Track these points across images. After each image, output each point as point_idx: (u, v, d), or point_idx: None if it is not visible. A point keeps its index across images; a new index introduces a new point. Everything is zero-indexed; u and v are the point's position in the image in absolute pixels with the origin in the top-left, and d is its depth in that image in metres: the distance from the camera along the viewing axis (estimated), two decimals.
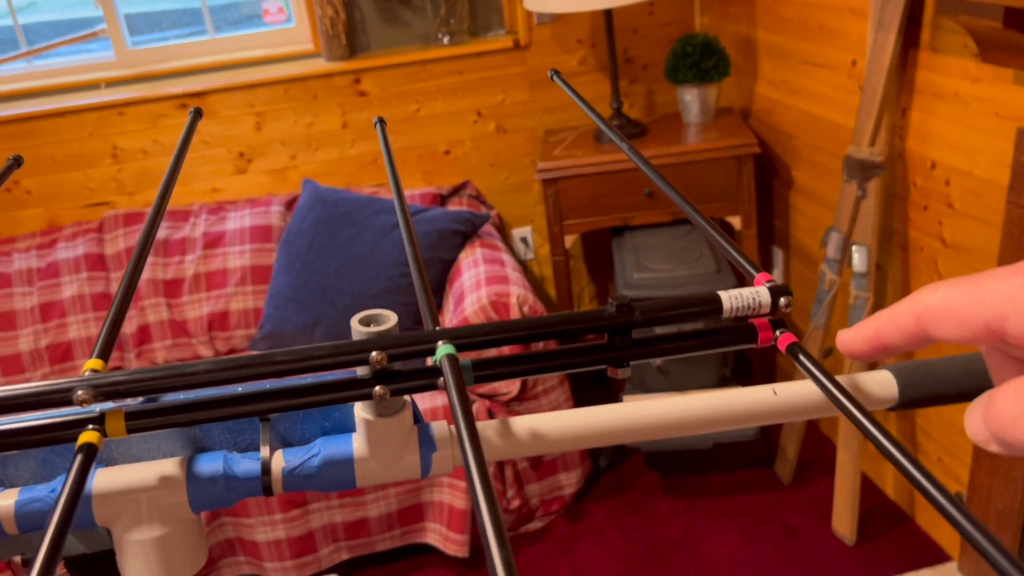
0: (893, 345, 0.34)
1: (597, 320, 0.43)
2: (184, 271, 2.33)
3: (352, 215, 2.30)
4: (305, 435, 0.47)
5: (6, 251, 2.32)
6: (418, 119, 2.61)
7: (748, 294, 0.45)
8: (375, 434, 0.45)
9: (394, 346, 0.41)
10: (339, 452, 0.45)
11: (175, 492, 0.43)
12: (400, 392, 0.43)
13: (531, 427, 0.47)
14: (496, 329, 0.43)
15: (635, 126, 2.43)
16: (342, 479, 0.45)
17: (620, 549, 2.08)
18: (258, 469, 0.44)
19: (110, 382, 0.39)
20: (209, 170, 2.54)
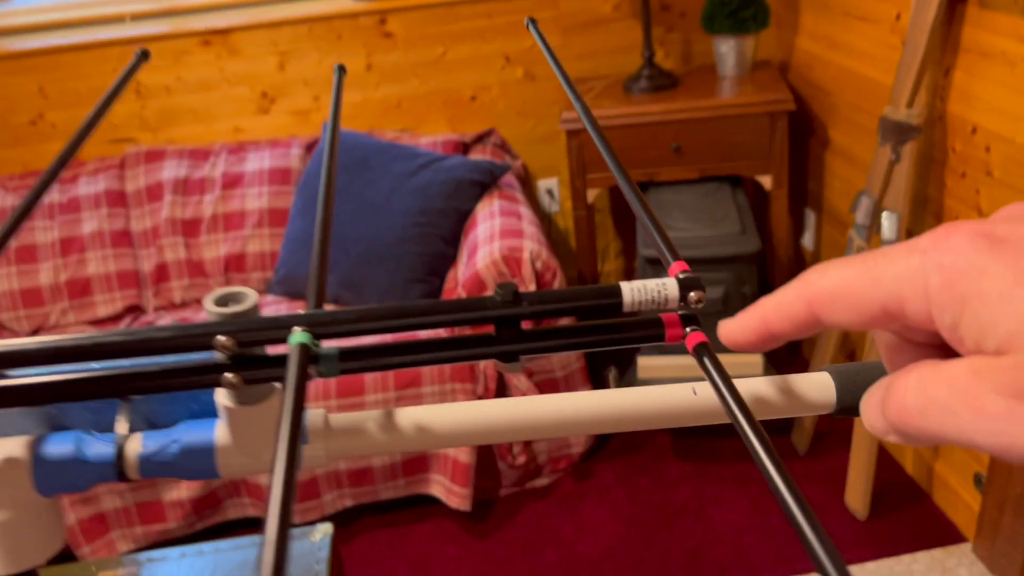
0: (782, 333, 0.32)
1: (481, 309, 0.39)
2: (203, 211, 2.32)
3: (369, 160, 2.26)
4: (171, 417, 0.43)
5: (29, 184, 2.34)
6: (444, 63, 2.54)
7: (653, 287, 0.39)
8: (237, 423, 0.41)
9: (244, 330, 0.37)
10: (200, 440, 0.41)
11: (19, 473, 0.40)
12: (254, 380, 0.39)
13: (417, 420, 0.43)
14: (363, 316, 0.38)
15: (666, 77, 2.33)
16: (203, 469, 0.42)
17: (625, 510, 2.06)
18: (112, 453, 0.41)
19: None
20: (232, 109, 2.52)
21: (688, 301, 0.40)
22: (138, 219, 2.33)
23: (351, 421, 0.43)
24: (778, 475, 0.31)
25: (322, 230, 0.49)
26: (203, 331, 0.37)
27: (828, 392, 0.46)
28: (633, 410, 0.44)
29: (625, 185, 0.50)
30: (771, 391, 0.46)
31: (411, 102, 2.59)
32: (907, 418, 0.25)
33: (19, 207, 0.49)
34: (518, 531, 2.03)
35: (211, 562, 1.60)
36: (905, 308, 0.26)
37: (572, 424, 0.44)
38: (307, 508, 1.97)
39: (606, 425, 0.44)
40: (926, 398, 0.25)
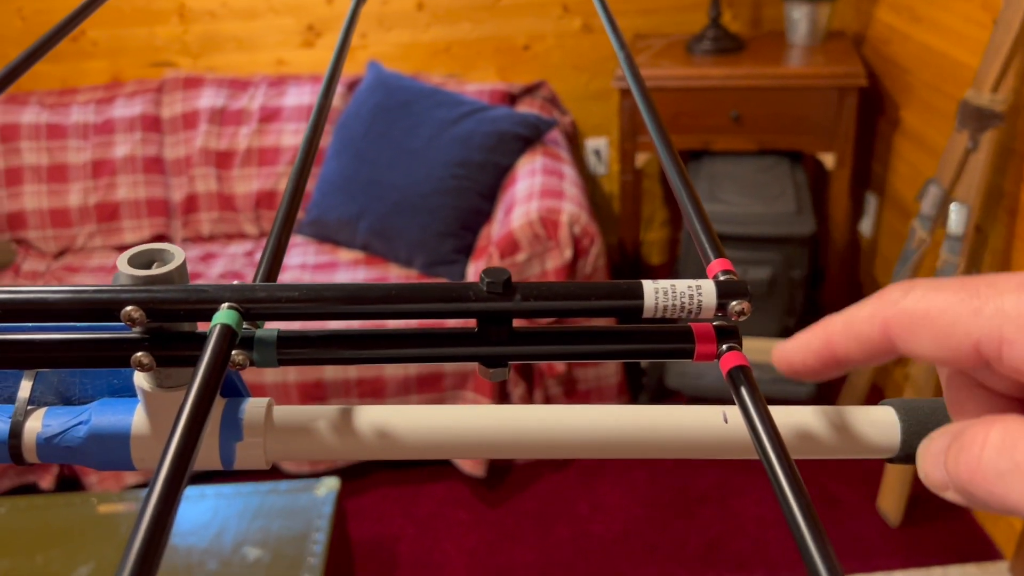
0: (848, 358, 0.27)
1: (462, 300, 0.30)
2: (238, 143, 2.26)
3: (412, 105, 2.16)
4: (86, 391, 0.36)
5: (67, 102, 2.29)
6: (498, 8, 2.43)
7: (685, 289, 0.31)
8: (156, 409, 0.33)
9: (159, 301, 0.29)
10: (113, 424, 0.34)
11: None
12: (169, 362, 0.31)
13: (379, 423, 0.35)
14: (309, 295, 0.30)
15: (732, 40, 2.19)
16: (115, 458, 0.34)
17: (644, 492, 1.98)
18: (5, 430, 0.34)
19: None
20: (276, 40, 2.44)
21: (727, 311, 0.31)
22: (172, 146, 2.28)
23: (300, 417, 0.35)
24: (823, 565, 0.22)
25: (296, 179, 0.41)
26: (109, 296, 0.29)
27: (891, 433, 0.37)
28: (646, 435, 0.36)
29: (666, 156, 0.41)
30: (821, 425, 0.37)
31: (461, 47, 2.48)
32: (980, 479, 0.22)
33: None
34: (531, 503, 1.97)
35: (212, 506, 1.56)
36: (1003, 350, 0.23)
37: (567, 445, 0.35)
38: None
39: (610, 449, 0.36)
40: (1012, 462, 0.22)
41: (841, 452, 0.36)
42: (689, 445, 0.36)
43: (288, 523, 1.52)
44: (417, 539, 1.89)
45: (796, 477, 0.26)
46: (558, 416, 0.36)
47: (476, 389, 1.90)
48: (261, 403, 0.35)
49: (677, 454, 0.36)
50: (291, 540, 1.47)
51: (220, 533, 1.49)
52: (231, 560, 1.44)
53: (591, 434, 0.35)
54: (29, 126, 2.23)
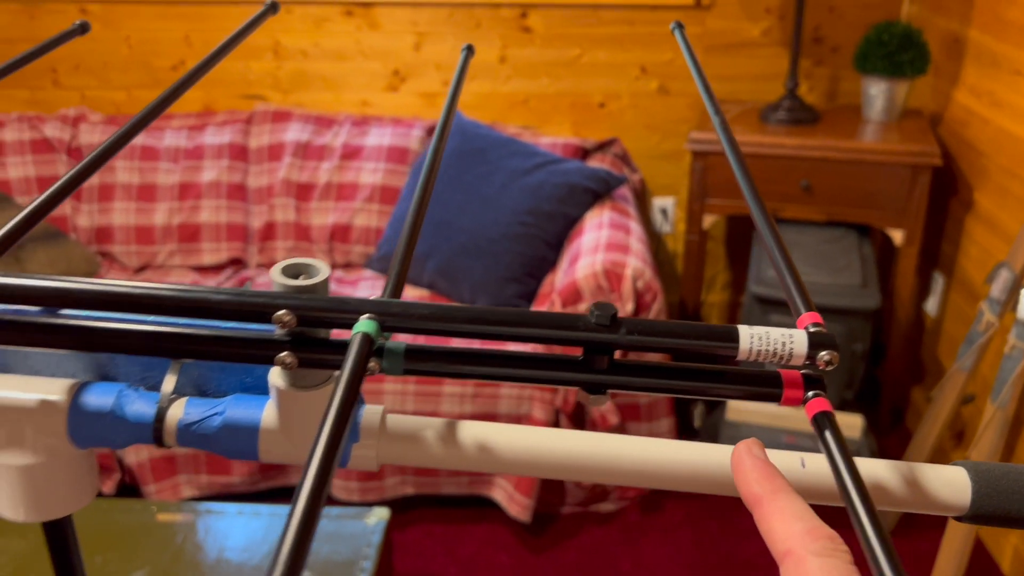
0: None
1: (570, 328, 0.34)
2: (318, 177, 2.34)
3: (487, 153, 2.23)
4: (221, 386, 0.40)
5: (161, 126, 2.41)
6: (578, 65, 2.50)
7: (778, 337, 0.34)
8: (287, 407, 0.37)
9: (308, 308, 0.33)
10: (245, 417, 0.38)
11: (54, 419, 0.38)
12: (311, 364, 0.35)
13: (480, 438, 0.38)
14: (439, 314, 0.34)
15: (807, 111, 2.22)
16: (243, 449, 0.38)
17: (690, 554, 1.97)
18: (151, 414, 0.38)
19: None
20: (362, 82, 2.54)
21: (816, 361, 0.34)
22: (255, 175, 2.37)
23: (410, 426, 0.39)
24: None
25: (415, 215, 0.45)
26: (265, 301, 0.33)
27: (961, 493, 0.39)
28: (725, 472, 0.38)
29: (761, 218, 0.44)
30: (893, 479, 0.39)
31: (538, 100, 2.55)
32: None
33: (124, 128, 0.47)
34: (574, 553, 1.96)
35: (266, 524, 1.60)
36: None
37: (651, 475, 0.38)
38: (368, 488, 1.96)
39: (691, 483, 0.38)
40: None
41: (913, 506, 0.38)
42: None
43: (337, 548, 1.54)
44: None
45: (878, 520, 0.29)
46: (644, 447, 0.38)
47: None
48: (377, 410, 0.39)
49: None
50: (339, 564, 1.49)
51: (272, 553, 1.52)
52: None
53: (678, 467, 0.38)
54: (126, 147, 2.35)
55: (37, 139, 2.36)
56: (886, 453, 2.21)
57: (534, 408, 1.91)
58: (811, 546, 0.29)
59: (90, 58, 2.52)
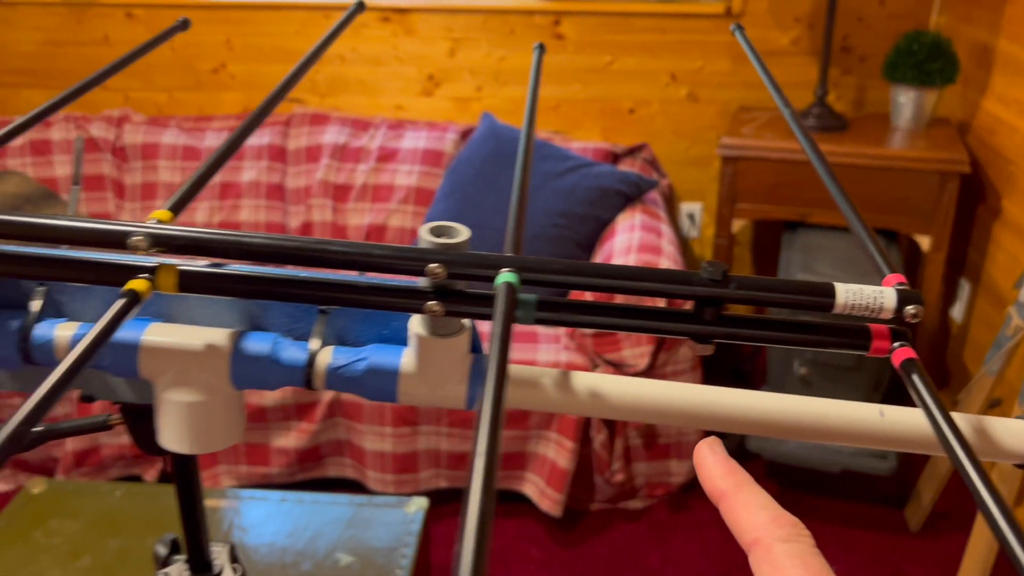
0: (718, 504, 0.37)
1: (686, 283, 0.38)
2: (355, 179, 2.40)
3: None
4: (360, 338, 0.45)
5: (203, 127, 2.48)
6: (609, 72, 2.55)
7: (870, 292, 0.38)
8: (425, 353, 0.42)
9: (457, 262, 0.38)
10: (386, 363, 0.43)
11: (218, 362, 0.42)
12: (455, 313, 0.39)
13: (594, 387, 0.43)
14: (569, 269, 0.38)
15: (835, 118, 2.26)
16: (384, 391, 0.43)
17: (718, 550, 2.00)
18: (304, 359, 0.43)
19: (166, 233, 0.38)
20: (397, 87, 2.60)
21: (903, 314, 0.38)
22: (294, 176, 2.43)
23: (529, 374, 0.43)
24: (1005, 521, 0.29)
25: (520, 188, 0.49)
26: (417, 256, 0.38)
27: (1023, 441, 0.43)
28: (816, 419, 0.43)
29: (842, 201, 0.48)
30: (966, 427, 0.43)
31: (569, 106, 2.60)
32: None
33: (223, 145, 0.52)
34: (604, 548, 2.00)
35: (308, 511, 1.65)
36: None
37: (751, 422, 0.42)
38: (402, 480, 2.01)
39: (785, 430, 0.43)
40: None
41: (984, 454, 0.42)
42: (848, 433, 0.43)
43: (378, 535, 1.59)
44: (491, 570, 1.94)
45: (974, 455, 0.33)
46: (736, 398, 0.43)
47: (560, 430, 1.96)
48: None
49: (837, 440, 0.43)
50: (381, 551, 1.54)
51: (315, 538, 1.57)
52: (323, 563, 1.52)
53: (766, 415, 0.42)
54: (168, 146, 2.42)
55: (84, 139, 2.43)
56: (910, 457, 2.24)
57: None
58: (776, 533, 0.31)
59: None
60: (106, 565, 1.51)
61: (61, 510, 1.62)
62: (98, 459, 2.00)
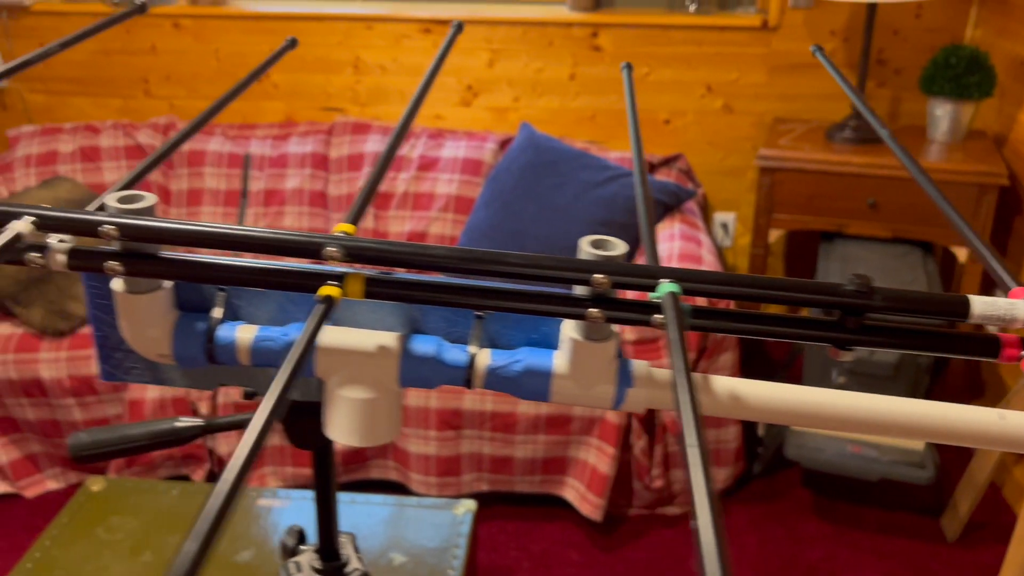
0: None
1: (832, 294, 0.42)
2: (396, 187, 2.44)
3: (560, 165, 2.32)
4: (511, 342, 0.48)
5: (247, 135, 2.53)
6: (645, 83, 2.58)
7: (1004, 304, 0.41)
8: (579, 355, 0.45)
9: (620, 273, 0.42)
10: (541, 364, 0.46)
11: (388, 362, 0.46)
12: (615, 320, 0.43)
13: (734, 390, 0.46)
14: (725, 280, 0.42)
15: (872, 131, 2.28)
16: (537, 390, 0.46)
17: (754, 557, 2.02)
18: (465, 360, 0.46)
19: (359, 246, 0.42)
20: (436, 96, 2.64)
21: None
22: (336, 184, 2.48)
23: (668, 376, 0.47)
24: None
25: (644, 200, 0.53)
26: (581, 267, 0.42)
27: None
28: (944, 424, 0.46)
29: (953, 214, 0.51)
30: None
31: (605, 116, 2.64)
32: None
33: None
34: (643, 553, 2.03)
35: (360, 512, 1.69)
36: None
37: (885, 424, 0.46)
38: (445, 483, 2.05)
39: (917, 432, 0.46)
40: None
41: None
42: (971, 435, 0.46)
43: (429, 536, 1.63)
44: (532, 573, 1.97)
45: None
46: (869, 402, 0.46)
47: (601, 436, 1.99)
48: (643, 363, 0.47)
49: (962, 442, 0.46)
50: (432, 552, 1.57)
51: (368, 538, 1.61)
52: (377, 562, 1.55)
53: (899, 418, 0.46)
54: (213, 154, 2.47)
55: (131, 145, 2.49)
56: (948, 467, 2.26)
57: (608, 411, 1.98)
58: None
59: (180, 69, 2.65)
60: (167, 562, 1.55)
61: (121, 507, 1.66)
62: (148, 458, 2.04)
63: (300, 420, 0.53)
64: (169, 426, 0.55)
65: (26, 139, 2.48)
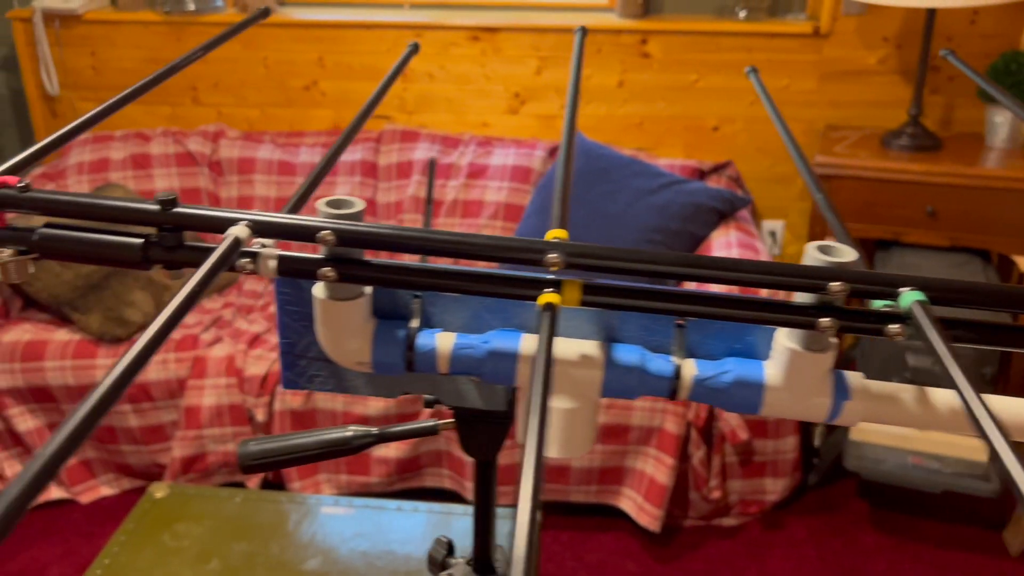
0: None
1: None
2: (445, 194, 2.44)
3: (611, 172, 2.30)
4: (712, 351, 0.47)
5: (296, 143, 2.53)
6: (694, 90, 2.57)
7: None
8: (795, 366, 0.44)
9: (858, 281, 0.40)
10: (752, 375, 0.45)
11: (592, 372, 0.45)
12: (848, 330, 0.41)
13: (952, 403, 0.45)
14: (977, 289, 0.40)
15: (930, 138, 2.26)
16: (748, 402, 0.45)
17: (814, 568, 1.99)
18: (670, 371, 0.45)
19: (581, 252, 0.41)
20: (484, 105, 2.63)
21: None
22: (385, 191, 2.48)
23: (888, 389, 0.45)
24: None
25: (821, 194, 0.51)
26: (818, 274, 0.40)
27: None
28: None
29: None
30: None
31: (653, 123, 2.62)
32: None
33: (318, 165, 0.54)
34: (700, 564, 2.01)
35: (424, 520, 1.68)
36: None
37: None
38: (504, 492, 2.03)
39: None
40: None
41: None
42: None
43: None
44: None
45: None
46: None
47: (659, 446, 1.97)
48: (858, 375, 0.45)
49: None
50: None
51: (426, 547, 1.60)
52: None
53: None
54: (263, 161, 2.48)
55: (181, 153, 2.50)
56: None
57: (666, 421, 1.96)
58: None
59: (229, 77, 2.65)
60: (234, 569, 1.54)
61: (185, 514, 1.65)
62: (204, 465, 2.04)
63: (481, 428, 0.52)
64: (340, 435, 0.54)
65: (78, 147, 2.49)
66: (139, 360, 0.29)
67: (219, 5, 2.61)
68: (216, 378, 2.01)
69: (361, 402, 2.00)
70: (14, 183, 0.41)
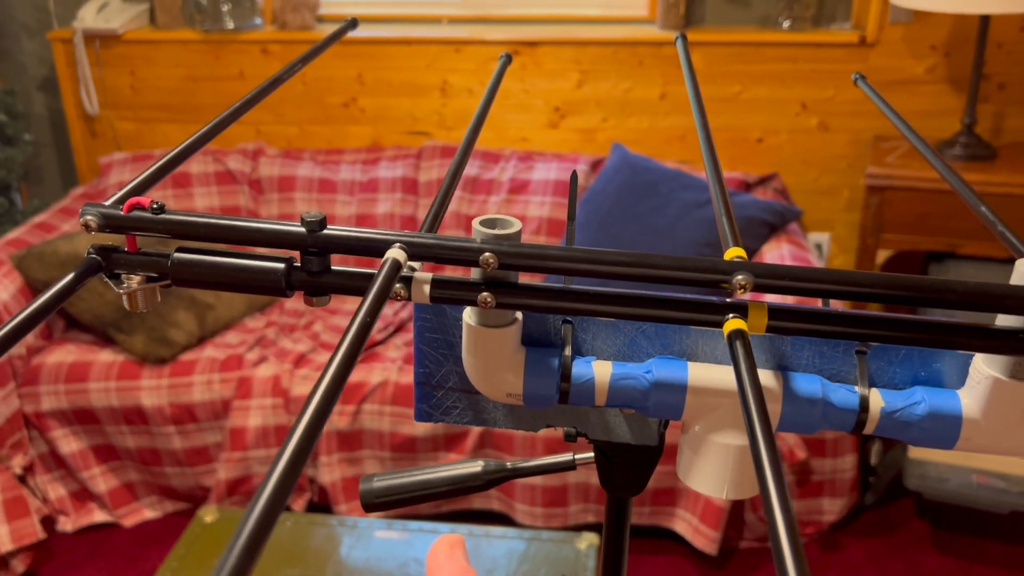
0: None
1: None
2: (487, 210, 2.41)
3: (659, 186, 2.26)
4: (894, 379, 0.43)
5: (336, 160, 2.51)
6: (738, 101, 2.53)
7: None
8: (998, 396, 0.39)
9: None
10: (947, 406, 0.40)
11: (771, 406, 0.41)
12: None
13: None
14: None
15: (984, 147, 2.21)
16: (942, 436, 0.41)
17: None
18: (855, 402, 0.41)
19: (770, 273, 0.37)
20: (523, 119, 2.61)
21: None
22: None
23: None
24: None
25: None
26: None
27: None
28: None
29: None
30: None
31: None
32: None
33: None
34: None
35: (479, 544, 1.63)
36: None
37: None
38: (551, 514, 1.98)
39: None
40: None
41: None
42: None
43: (552, 570, 1.56)
44: None
45: None
46: None
47: None
48: None
49: None
50: None
51: (491, 571, 1.55)
52: None
53: None
54: (304, 179, 2.46)
55: (221, 171, 2.48)
56: None
57: None
58: None
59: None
60: None
61: (290, 562, 1.60)
62: (249, 487, 2.00)
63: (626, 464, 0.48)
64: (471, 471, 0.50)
65: (118, 166, 2.48)
66: (318, 418, 0.25)
67: (258, 23, 2.60)
68: (262, 398, 1.98)
69: (409, 424, 1.96)
70: (147, 204, 0.38)
